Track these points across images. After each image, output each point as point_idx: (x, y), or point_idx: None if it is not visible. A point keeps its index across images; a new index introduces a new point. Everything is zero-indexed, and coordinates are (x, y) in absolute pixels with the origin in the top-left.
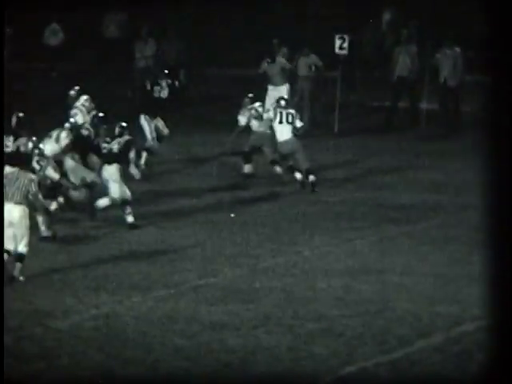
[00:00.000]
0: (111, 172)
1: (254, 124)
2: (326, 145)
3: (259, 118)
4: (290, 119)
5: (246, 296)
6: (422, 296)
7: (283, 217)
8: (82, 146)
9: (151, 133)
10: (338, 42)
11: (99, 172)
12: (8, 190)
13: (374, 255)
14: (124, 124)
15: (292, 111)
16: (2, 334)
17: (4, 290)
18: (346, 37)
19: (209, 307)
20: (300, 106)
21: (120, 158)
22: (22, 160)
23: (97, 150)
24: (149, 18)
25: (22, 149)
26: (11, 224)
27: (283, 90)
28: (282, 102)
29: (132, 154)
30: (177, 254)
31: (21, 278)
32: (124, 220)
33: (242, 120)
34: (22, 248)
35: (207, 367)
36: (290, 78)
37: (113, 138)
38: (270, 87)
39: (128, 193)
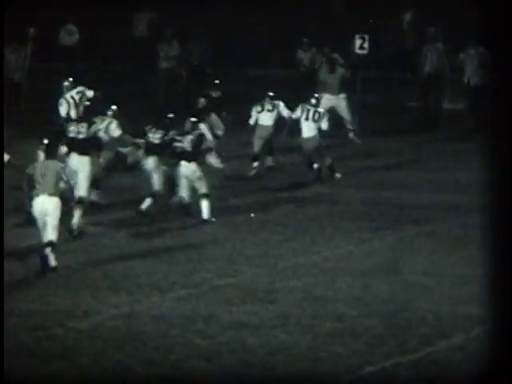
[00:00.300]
0: (192, 169)
1: (264, 117)
2: (345, 145)
3: (271, 111)
4: (316, 117)
5: (266, 296)
6: (442, 296)
7: (303, 217)
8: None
9: (214, 130)
10: (358, 42)
11: (174, 170)
12: (41, 181)
13: (394, 255)
14: (194, 119)
15: (321, 110)
16: (2, 334)
17: (25, 290)
18: (366, 37)
19: (228, 307)
20: None
21: (196, 155)
22: (97, 145)
23: (169, 150)
24: (175, 18)
25: (96, 134)
26: (45, 214)
27: (342, 98)
28: (313, 101)
29: (207, 145)
30: (197, 254)
31: (53, 264)
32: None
33: (252, 120)
34: (52, 236)
35: (227, 367)
36: (348, 86)
37: (182, 135)
38: (327, 96)
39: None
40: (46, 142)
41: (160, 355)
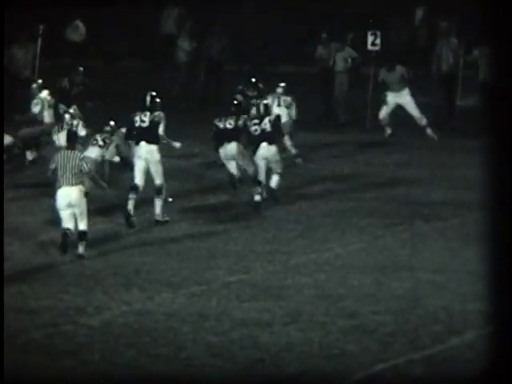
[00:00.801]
0: (272, 151)
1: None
2: (358, 141)
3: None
4: (286, 103)
5: (278, 293)
6: (453, 293)
7: (315, 213)
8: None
9: None
10: (370, 38)
11: (253, 152)
12: (61, 172)
13: (406, 252)
14: (266, 102)
15: (289, 98)
16: (2, 333)
17: (35, 287)
18: (378, 33)
19: (240, 304)
20: (337, 101)
21: (275, 136)
22: (156, 133)
23: (247, 133)
24: (197, 15)
25: (156, 119)
26: (70, 205)
27: (405, 94)
28: (279, 90)
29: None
30: (208, 251)
31: (82, 252)
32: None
33: None
34: (84, 226)
35: (238, 364)
36: (409, 81)
37: (260, 118)
38: (390, 94)
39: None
40: (64, 127)
41: (171, 352)
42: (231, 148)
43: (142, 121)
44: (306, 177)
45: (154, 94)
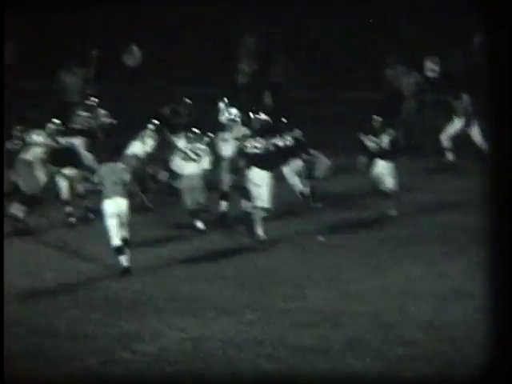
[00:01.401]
0: (385, 167)
1: None
2: (415, 166)
3: None
4: (234, 116)
5: (335, 320)
6: None
7: (371, 240)
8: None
9: None
10: (428, 65)
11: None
12: (107, 186)
13: (464, 279)
14: (378, 118)
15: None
16: (2, 336)
17: (89, 313)
18: (437, 59)
19: (297, 331)
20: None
21: (390, 154)
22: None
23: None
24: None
25: (270, 146)
26: (117, 215)
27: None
28: (222, 105)
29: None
30: (264, 277)
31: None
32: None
33: None
34: (126, 234)
35: None
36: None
37: (378, 132)
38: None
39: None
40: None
41: (228, 379)
42: (297, 164)
43: (255, 147)
44: (357, 202)
45: (262, 117)
